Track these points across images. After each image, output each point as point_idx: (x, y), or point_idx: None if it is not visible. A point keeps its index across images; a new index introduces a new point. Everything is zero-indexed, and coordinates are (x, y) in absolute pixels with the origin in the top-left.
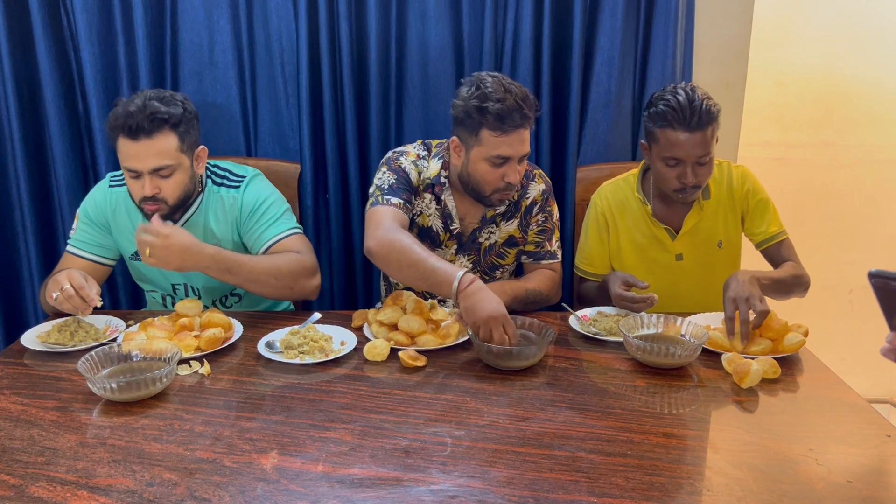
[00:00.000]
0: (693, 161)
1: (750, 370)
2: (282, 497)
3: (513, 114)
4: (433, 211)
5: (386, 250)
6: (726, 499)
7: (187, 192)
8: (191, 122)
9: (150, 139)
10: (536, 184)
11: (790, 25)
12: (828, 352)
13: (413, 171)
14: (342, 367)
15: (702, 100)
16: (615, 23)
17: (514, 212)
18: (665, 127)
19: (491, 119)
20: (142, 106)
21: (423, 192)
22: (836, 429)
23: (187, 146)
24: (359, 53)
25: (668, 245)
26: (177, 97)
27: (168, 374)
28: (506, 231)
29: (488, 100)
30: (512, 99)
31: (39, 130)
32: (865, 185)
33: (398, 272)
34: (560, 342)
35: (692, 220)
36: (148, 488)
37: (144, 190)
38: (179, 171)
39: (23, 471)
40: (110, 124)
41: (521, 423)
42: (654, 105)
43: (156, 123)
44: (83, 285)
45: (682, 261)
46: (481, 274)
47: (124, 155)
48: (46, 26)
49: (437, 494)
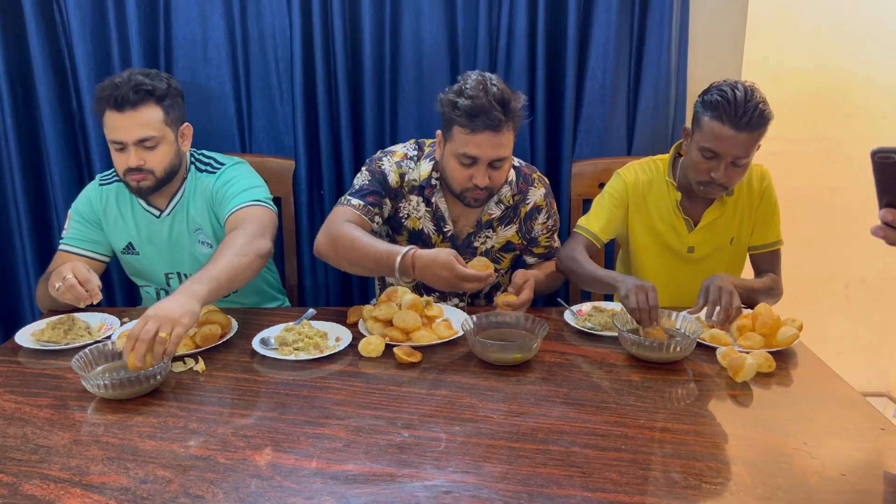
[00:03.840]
0: (729, 160)
1: (744, 364)
2: (276, 493)
3: (483, 113)
4: (423, 213)
5: (332, 246)
6: (720, 493)
7: (173, 166)
8: (175, 98)
9: (136, 111)
10: (536, 188)
11: (785, 20)
12: (824, 345)
13: (393, 173)
14: (337, 363)
15: (758, 102)
16: (610, 17)
17: (512, 217)
18: (713, 118)
19: (460, 115)
20: (127, 79)
21: (408, 195)
22: (831, 422)
23: (172, 120)
24: (353, 49)
25: (683, 236)
26: (161, 75)
27: (162, 371)
28: (503, 236)
29: (461, 95)
30: (485, 98)
31: (33, 127)
32: (861, 180)
33: (350, 265)
34: (555, 337)
35: (712, 215)
36: (142, 486)
37: (129, 161)
38: (164, 143)
39: (16, 469)
40: (97, 97)
41: (515, 418)
42: (709, 92)
43: (140, 95)
44: (87, 277)
45: (693, 253)
46: None
47: (110, 128)
48: (39, 23)
49: (431, 490)
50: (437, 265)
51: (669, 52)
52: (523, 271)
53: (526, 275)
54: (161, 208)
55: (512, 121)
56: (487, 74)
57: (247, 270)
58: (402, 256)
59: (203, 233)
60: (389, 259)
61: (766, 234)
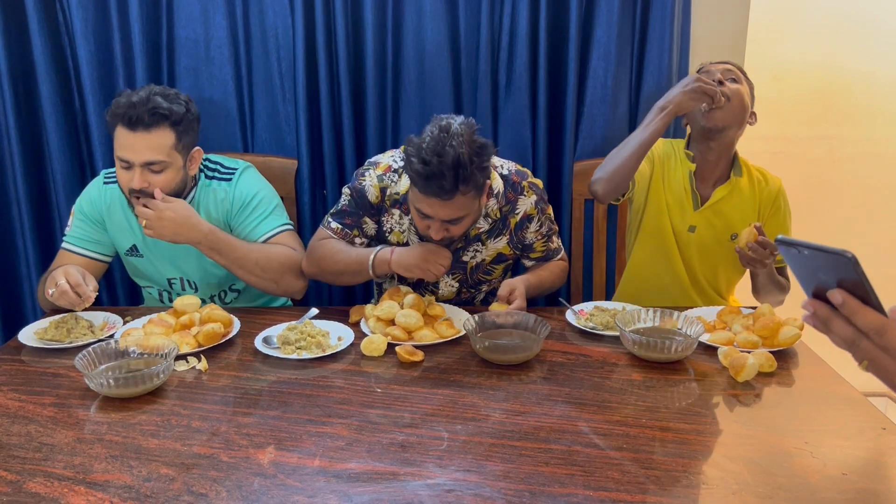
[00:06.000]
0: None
1: (746, 364)
2: (278, 492)
3: (432, 180)
4: (407, 227)
5: (317, 266)
6: (722, 492)
7: (177, 190)
8: (191, 124)
9: (148, 132)
10: (526, 197)
11: (786, 20)
12: (825, 345)
13: (373, 189)
14: (339, 362)
15: None
16: (611, 17)
17: (501, 229)
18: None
19: (414, 175)
20: (145, 99)
21: (390, 209)
22: (832, 422)
23: (183, 146)
24: (355, 49)
25: (688, 212)
26: (181, 97)
27: (165, 369)
28: (493, 249)
29: (416, 156)
30: (437, 165)
31: (36, 127)
32: (862, 179)
33: (334, 277)
34: (557, 336)
35: (721, 192)
36: (145, 483)
37: (134, 182)
38: (171, 169)
39: (20, 466)
40: (111, 112)
41: (517, 417)
42: None
43: (156, 118)
44: (79, 282)
45: (694, 234)
46: (467, 290)
47: (120, 144)
48: (42, 23)
49: (433, 489)
50: (413, 248)
51: (671, 51)
52: (508, 281)
53: (511, 284)
54: None
55: (470, 183)
56: (454, 128)
57: (255, 278)
58: (378, 252)
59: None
60: (363, 258)
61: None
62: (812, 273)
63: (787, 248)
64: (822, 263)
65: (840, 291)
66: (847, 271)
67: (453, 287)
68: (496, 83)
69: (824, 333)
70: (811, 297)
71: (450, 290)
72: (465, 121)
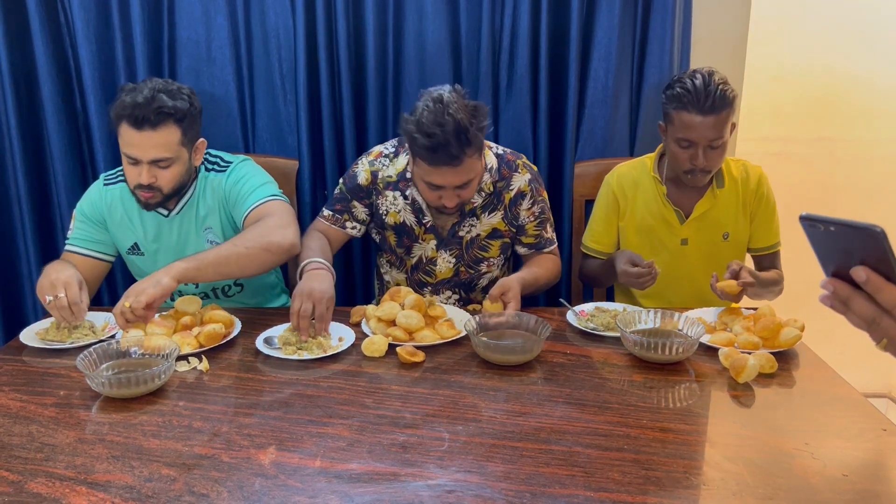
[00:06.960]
0: (705, 144)
1: (746, 365)
2: (279, 492)
3: (440, 150)
4: (402, 206)
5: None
6: (722, 493)
7: (182, 182)
8: (195, 118)
9: (154, 131)
10: (521, 174)
11: (787, 21)
12: (826, 346)
13: (364, 172)
14: (340, 362)
15: (717, 84)
16: (612, 18)
17: (496, 203)
18: (680, 109)
19: (419, 150)
20: (150, 98)
21: (383, 191)
22: (832, 423)
23: (188, 140)
24: (356, 50)
25: (675, 228)
26: (184, 91)
27: (166, 370)
28: (488, 224)
29: (418, 131)
30: (441, 135)
31: (37, 127)
32: (862, 180)
33: None
34: (557, 337)
35: (704, 206)
36: (146, 484)
37: (141, 178)
38: (178, 163)
39: (22, 467)
40: (115, 111)
41: (518, 418)
42: (671, 87)
43: (161, 117)
44: (77, 301)
45: (687, 246)
46: (465, 268)
47: (126, 142)
48: (44, 23)
49: (434, 489)
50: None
51: (672, 52)
52: (503, 281)
53: (505, 285)
54: (170, 208)
55: (473, 144)
56: (446, 98)
57: (245, 260)
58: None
59: (212, 232)
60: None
61: (766, 237)
62: (834, 251)
63: (810, 225)
64: (848, 239)
65: (864, 268)
66: (875, 247)
67: (450, 263)
68: (497, 84)
69: (841, 313)
70: (830, 277)
71: (447, 266)
72: (453, 88)
